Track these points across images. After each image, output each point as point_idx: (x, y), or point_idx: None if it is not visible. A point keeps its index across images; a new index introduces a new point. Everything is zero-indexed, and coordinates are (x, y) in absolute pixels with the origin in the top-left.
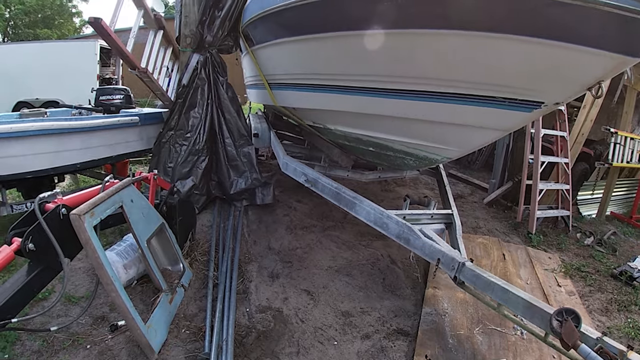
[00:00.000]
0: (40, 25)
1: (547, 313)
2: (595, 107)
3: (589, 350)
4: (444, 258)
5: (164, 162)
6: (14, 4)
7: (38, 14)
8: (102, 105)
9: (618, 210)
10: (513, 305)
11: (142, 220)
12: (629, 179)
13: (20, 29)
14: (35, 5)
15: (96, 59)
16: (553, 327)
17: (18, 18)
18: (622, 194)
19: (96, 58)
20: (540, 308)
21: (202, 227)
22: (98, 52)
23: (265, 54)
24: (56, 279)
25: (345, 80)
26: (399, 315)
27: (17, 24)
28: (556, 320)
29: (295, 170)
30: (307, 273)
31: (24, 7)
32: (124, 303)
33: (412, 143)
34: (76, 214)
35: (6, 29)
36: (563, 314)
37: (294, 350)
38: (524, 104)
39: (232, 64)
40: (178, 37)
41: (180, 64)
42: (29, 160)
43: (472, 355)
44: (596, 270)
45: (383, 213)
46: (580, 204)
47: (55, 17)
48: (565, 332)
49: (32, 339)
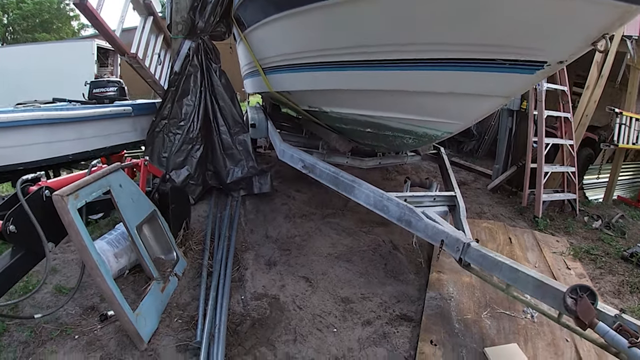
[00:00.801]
0: (39, 30)
1: (560, 291)
2: (598, 88)
3: (607, 328)
4: (447, 239)
5: (158, 152)
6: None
7: (36, 18)
8: (95, 98)
9: (624, 195)
10: (522, 285)
11: (131, 206)
12: (634, 163)
13: (19, 34)
14: (32, 9)
15: (93, 59)
16: (567, 306)
17: (16, 23)
18: (628, 178)
19: (93, 58)
20: (552, 286)
21: (198, 218)
22: (95, 52)
23: (257, 37)
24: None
25: (338, 54)
26: (402, 300)
27: (16, 29)
28: (570, 298)
29: (292, 157)
30: (306, 260)
31: (22, 11)
32: (110, 288)
33: (410, 119)
34: (59, 195)
35: (5, 34)
36: (577, 291)
37: (291, 337)
38: (525, 65)
39: (228, 60)
40: (169, 24)
41: (172, 52)
42: (19, 151)
43: (480, 340)
44: (606, 252)
45: (383, 195)
46: (586, 188)
47: (53, 21)
48: (580, 310)
49: (20, 330)
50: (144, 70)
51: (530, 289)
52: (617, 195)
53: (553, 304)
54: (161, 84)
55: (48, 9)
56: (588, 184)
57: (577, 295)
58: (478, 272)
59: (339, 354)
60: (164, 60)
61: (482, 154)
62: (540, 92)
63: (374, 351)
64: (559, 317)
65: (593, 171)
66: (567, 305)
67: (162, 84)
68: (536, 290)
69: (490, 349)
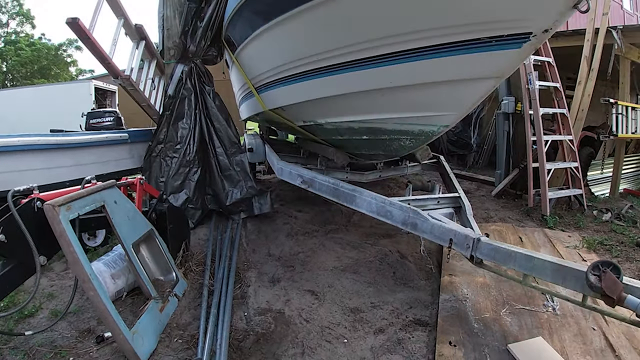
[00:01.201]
0: (37, 76)
1: (581, 271)
2: (590, 81)
3: (638, 300)
4: (456, 237)
5: (156, 176)
6: (10, 56)
7: (34, 65)
8: (92, 129)
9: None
10: (540, 272)
11: (127, 224)
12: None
13: (18, 81)
14: (30, 56)
15: (91, 99)
16: (591, 283)
17: (15, 70)
18: (632, 171)
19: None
20: (572, 267)
21: (198, 241)
22: (93, 92)
23: (247, 55)
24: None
25: (327, 58)
26: (415, 306)
27: (15, 76)
28: (593, 275)
29: (291, 173)
30: (311, 275)
31: (20, 58)
32: (103, 303)
33: (405, 117)
34: (50, 205)
35: (4, 81)
36: (599, 267)
37: (299, 351)
38: (511, 39)
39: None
40: (162, 50)
41: (165, 78)
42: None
43: (502, 338)
44: (620, 242)
45: (385, 201)
46: (591, 184)
47: (51, 67)
48: (606, 285)
49: (13, 353)
50: (138, 93)
51: (549, 274)
52: (623, 188)
53: (575, 286)
54: (156, 109)
55: (46, 56)
56: (592, 180)
57: (599, 271)
58: (492, 267)
59: None
60: (158, 86)
61: (482, 164)
62: (533, 90)
63: (389, 358)
64: (584, 300)
65: (596, 166)
66: (591, 284)
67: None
68: (555, 275)
69: (514, 345)
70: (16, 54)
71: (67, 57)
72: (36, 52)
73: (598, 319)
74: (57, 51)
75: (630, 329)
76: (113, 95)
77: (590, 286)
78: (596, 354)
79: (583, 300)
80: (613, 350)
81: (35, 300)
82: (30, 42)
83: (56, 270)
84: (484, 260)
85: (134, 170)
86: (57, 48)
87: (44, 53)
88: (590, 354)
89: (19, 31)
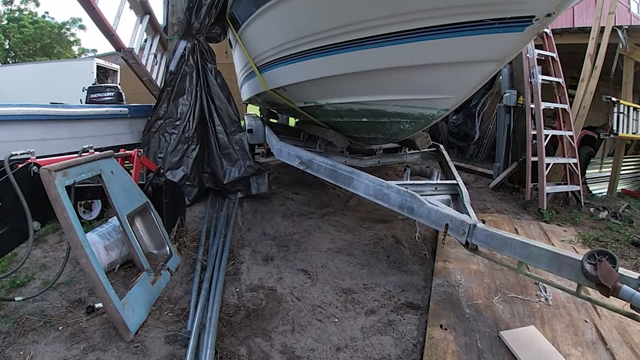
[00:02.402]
0: (40, 54)
1: (577, 260)
2: (593, 79)
3: (633, 290)
4: (452, 222)
5: (154, 152)
6: (13, 33)
7: (37, 42)
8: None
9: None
10: (535, 259)
11: (122, 194)
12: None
13: (20, 58)
14: (33, 34)
15: (93, 77)
16: (587, 272)
17: (17, 47)
18: (631, 172)
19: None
20: (568, 256)
21: (194, 219)
22: (95, 70)
23: (251, 34)
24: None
25: (329, 37)
26: (407, 289)
27: (17, 53)
28: (589, 264)
29: (289, 154)
30: (305, 255)
31: (23, 36)
32: (94, 270)
33: (405, 100)
34: (47, 169)
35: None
36: (595, 256)
37: (289, 328)
38: (514, 22)
39: None
40: (166, 26)
41: (168, 54)
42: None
43: (493, 324)
44: (615, 239)
45: (383, 184)
46: (589, 182)
47: (54, 45)
48: (601, 274)
49: (3, 321)
50: (140, 67)
51: (544, 262)
52: (621, 189)
53: (570, 275)
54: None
55: (49, 34)
56: (591, 178)
57: (595, 260)
58: (486, 254)
59: (341, 344)
60: (160, 61)
61: (482, 158)
62: (535, 84)
63: (379, 339)
64: (578, 290)
65: (595, 165)
66: (586, 272)
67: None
68: (551, 263)
69: (506, 332)
70: (19, 32)
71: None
72: (39, 30)
73: (590, 311)
74: (60, 30)
75: (622, 323)
76: (115, 74)
77: (586, 275)
78: (587, 346)
79: (578, 289)
80: (604, 343)
81: (27, 271)
82: (33, 19)
83: (50, 243)
84: (479, 246)
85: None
86: (61, 26)
87: (47, 31)
88: (582, 345)
89: (22, 9)
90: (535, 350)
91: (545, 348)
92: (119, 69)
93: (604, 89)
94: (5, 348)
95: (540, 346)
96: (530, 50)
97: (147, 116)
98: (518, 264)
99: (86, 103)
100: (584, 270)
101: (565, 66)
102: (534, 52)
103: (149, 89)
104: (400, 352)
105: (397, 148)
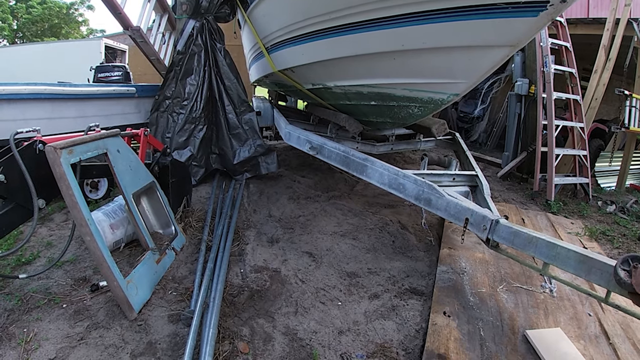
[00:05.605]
0: (48, 34)
1: (609, 265)
2: (606, 71)
3: None
4: (473, 217)
5: (162, 132)
6: (21, 14)
7: (45, 23)
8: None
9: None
10: (563, 262)
11: (129, 173)
12: None
13: (28, 39)
14: (41, 14)
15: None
16: (620, 279)
17: (26, 28)
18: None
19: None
20: (599, 260)
21: (200, 199)
22: (103, 50)
23: (259, 13)
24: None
25: (339, 17)
26: (412, 275)
27: (25, 34)
28: (623, 270)
29: (299, 138)
30: (310, 238)
31: (31, 16)
32: (99, 248)
33: (414, 83)
34: (52, 147)
35: (14, 39)
36: (630, 261)
37: (292, 310)
38: (528, 6)
39: None
40: (174, 5)
41: (176, 34)
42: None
43: (497, 313)
44: (622, 234)
45: (398, 173)
46: (598, 175)
47: (62, 25)
48: (637, 281)
49: (8, 299)
50: (148, 46)
51: (572, 265)
52: (630, 183)
53: (600, 281)
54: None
55: (57, 14)
56: (600, 171)
57: (630, 266)
58: (508, 252)
59: (343, 327)
60: (168, 41)
61: (491, 146)
62: (548, 73)
63: (381, 324)
64: (607, 297)
65: (604, 158)
66: (620, 279)
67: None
68: (579, 267)
69: (532, 332)
70: (27, 12)
71: (78, 16)
72: (47, 10)
73: (595, 305)
74: (68, 10)
75: (626, 318)
76: (123, 54)
77: (619, 282)
78: (590, 339)
79: (606, 296)
80: (607, 338)
81: (33, 249)
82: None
83: (56, 221)
84: (500, 243)
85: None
86: (69, 7)
87: (55, 11)
88: (585, 338)
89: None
90: (561, 353)
91: (570, 352)
92: (127, 50)
93: (617, 81)
94: (9, 325)
95: (565, 349)
96: (543, 38)
97: (155, 95)
98: (543, 265)
99: (94, 82)
100: (617, 277)
101: (579, 57)
102: (547, 41)
103: (157, 68)
104: (403, 337)
105: (411, 135)
